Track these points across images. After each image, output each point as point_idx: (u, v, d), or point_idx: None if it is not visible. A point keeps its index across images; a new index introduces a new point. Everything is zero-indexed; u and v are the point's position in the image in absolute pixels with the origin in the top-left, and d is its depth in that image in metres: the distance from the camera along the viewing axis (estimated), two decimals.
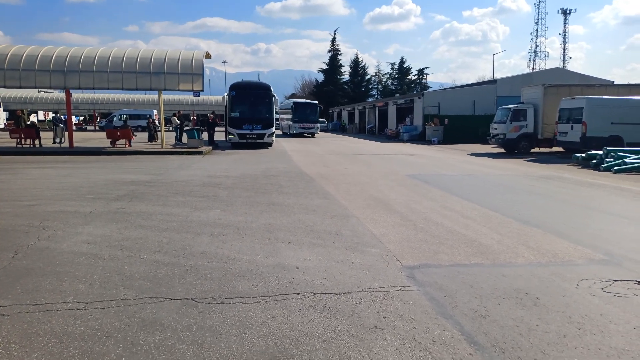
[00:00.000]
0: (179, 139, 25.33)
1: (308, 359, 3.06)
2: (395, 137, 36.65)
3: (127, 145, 22.57)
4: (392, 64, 76.82)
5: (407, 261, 5.15)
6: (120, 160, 17.27)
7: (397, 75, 75.29)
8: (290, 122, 39.53)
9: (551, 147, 21.48)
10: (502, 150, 22.55)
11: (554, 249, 5.67)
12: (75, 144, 22.09)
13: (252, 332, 3.43)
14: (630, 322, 3.65)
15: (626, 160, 14.61)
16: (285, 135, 41.52)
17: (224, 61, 78.87)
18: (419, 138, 33.39)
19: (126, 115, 47.10)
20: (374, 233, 6.36)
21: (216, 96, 59.93)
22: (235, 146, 23.78)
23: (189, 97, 54.40)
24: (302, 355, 3.11)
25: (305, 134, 39.25)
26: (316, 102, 41.97)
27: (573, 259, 5.33)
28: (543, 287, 4.41)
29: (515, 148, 21.56)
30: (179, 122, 26.41)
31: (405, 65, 74.93)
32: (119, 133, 23.23)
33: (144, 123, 39.04)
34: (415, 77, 74.74)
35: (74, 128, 34.55)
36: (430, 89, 61.27)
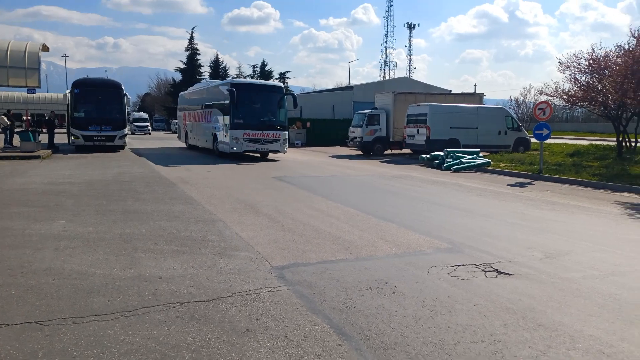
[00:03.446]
0: (9, 141, 22.02)
1: None
2: None
3: None
4: (254, 67, 76.82)
5: (276, 262, 5.18)
6: None
7: (258, 78, 75.72)
8: (221, 127, 18.84)
9: (401, 149, 23.62)
10: (359, 152, 24.10)
11: (407, 241, 6.22)
12: None
13: (112, 351, 3.10)
14: (471, 301, 4.17)
15: (462, 160, 16.72)
16: (193, 151, 22.48)
17: (65, 55, 69.79)
18: None
19: None
20: (242, 236, 6.27)
21: (56, 94, 53.63)
22: (80, 149, 21.46)
23: (22, 94, 47.74)
24: None
25: (257, 152, 18.83)
26: (281, 85, 21.13)
27: (423, 248, 5.91)
28: (400, 275, 4.81)
29: (371, 150, 23.20)
30: (9, 122, 22.95)
31: (267, 69, 75.59)
32: None
33: None
34: (277, 80, 76.03)
35: None
36: None
